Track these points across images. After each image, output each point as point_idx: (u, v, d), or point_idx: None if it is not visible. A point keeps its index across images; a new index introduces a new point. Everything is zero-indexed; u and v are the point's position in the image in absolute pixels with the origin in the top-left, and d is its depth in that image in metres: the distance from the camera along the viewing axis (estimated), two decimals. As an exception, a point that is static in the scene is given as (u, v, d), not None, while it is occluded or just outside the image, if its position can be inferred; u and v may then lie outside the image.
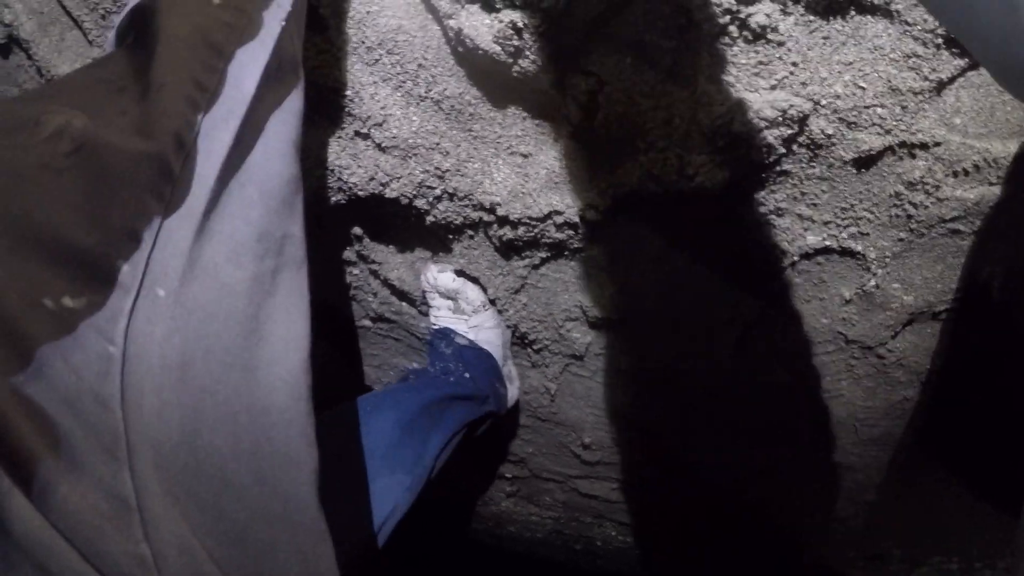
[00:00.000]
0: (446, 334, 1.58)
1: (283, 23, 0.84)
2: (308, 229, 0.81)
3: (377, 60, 1.19)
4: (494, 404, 1.59)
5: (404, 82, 1.21)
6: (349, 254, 1.58)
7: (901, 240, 1.31)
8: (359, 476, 1.25)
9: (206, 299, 0.67)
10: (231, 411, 0.67)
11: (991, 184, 1.21)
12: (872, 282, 1.38)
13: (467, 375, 1.54)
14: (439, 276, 1.52)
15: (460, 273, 1.54)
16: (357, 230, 1.51)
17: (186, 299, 0.66)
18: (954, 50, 1.05)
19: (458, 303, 1.56)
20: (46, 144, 0.64)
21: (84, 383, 0.59)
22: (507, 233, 1.35)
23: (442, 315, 1.59)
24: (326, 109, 1.27)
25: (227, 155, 0.72)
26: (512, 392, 1.70)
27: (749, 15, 0.99)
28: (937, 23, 1.01)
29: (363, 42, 1.17)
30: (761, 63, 1.05)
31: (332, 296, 1.69)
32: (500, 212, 1.31)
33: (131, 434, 0.60)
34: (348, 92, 1.22)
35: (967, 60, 1.06)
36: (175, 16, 0.78)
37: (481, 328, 1.58)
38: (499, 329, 1.62)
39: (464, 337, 1.57)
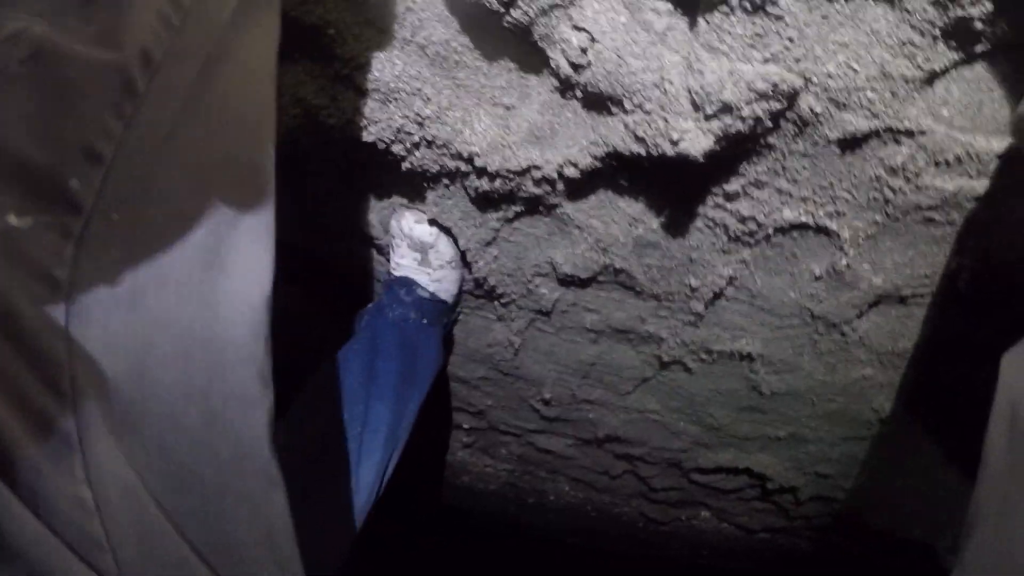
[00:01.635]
0: (407, 283, 1.54)
1: None
2: (279, 163, 0.76)
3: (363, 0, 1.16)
4: (445, 352, 1.61)
5: (390, 24, 1.18)
6: (319, 197, 1.55)
7: (876, 223, 1.31)
8: (342, 463, 1.27)
9: (160, 226, 0.64)
10: (184, 345, 0.64)
11: (971, 177, 1.21)
12: (843, 261, 1.39)
13: (424, 321, 1.54)
14: (415, 227, 1.49)
15: (432, 222, 1.50)
16: (329, 172, 1.48)
17: (140, 224, 0.63)
18: (950, 43, 1.04)
19: (427, 256, 1.53)
20: (1, 49, 0.60)
21: (26, 309, 0.56)
22: (483, 185, 1.33)
23: (405, 264, 1.55)
24: (307, 47, 1.23)
25: (194, 78, 0.68)
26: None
27: (750, -16, 0.97)
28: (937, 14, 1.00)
29: (351, -21, 1.14)
30: (757, 35, 1.03)
31: (302, 238, 1.67)
32: (478, 163, 1.28)
33: (75, 367, 0.57)
34: (331, 31, 1.19)
35: (961, 54, 1.06)
36: None
37: (443, 281, 1.57)
38: (460, 282, 1.61)
39: (425, 289, 1.54)
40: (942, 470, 1.95)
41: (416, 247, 1.51)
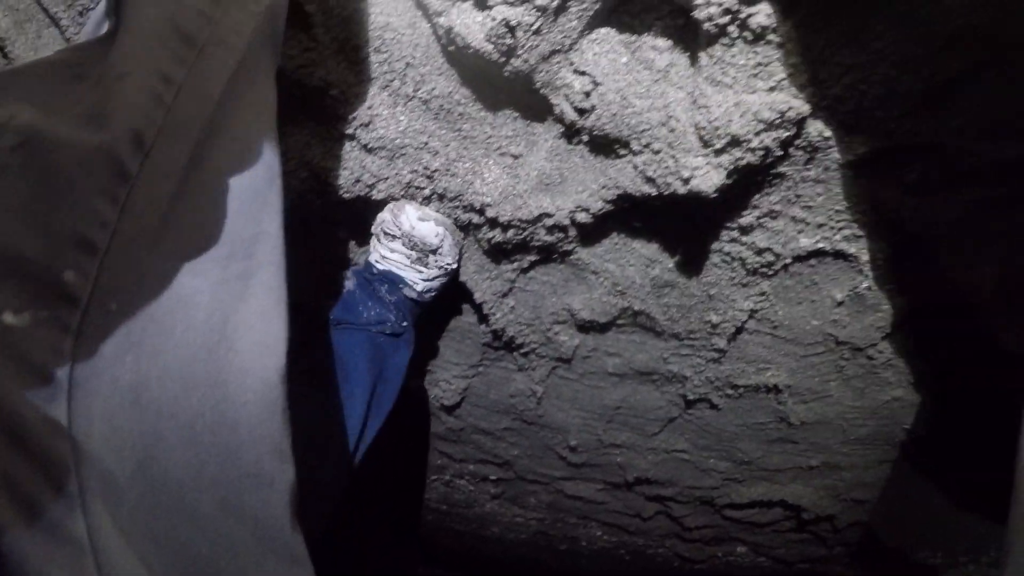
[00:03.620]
0: (391, 280, 1.37)
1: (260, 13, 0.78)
2: (288, 227, 0.74)
3: (364, 59, 1.16)
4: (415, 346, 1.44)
5: (391, 81, 1.18)
6: (333, 260, 1.54)
7: (895, 243, 1.29)
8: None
9: (162, 312, 0.61)
10: (193, 434, 0.61)
11: (988, 187, 1.19)
12: (864, 284, 1.37)
13: (404, 323, 1.37)
14: (418, 225, 1.32)
15: (439, 222, 1.35)
16: (341, 234, 1.47)
17: (140, 313, 0.60)
18: (956, 52, 1.03)
19: (427, 258, 1.37)
20: None
21: (27, 411, 0.53)
22: (496, 236, 1.33)
23: (395, 260, 1.37)
24: (311, 109, 1.23)
25: (188, 159, 0.66)
26: None
27: (750, 15, 0.96)
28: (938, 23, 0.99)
29: (350, 40, 1.14)
30: (760, 64, 1.02)
31: (314, 301, 1.65)
32: (490, 213, 1.28)
33: (81, 467, 0.54)
34: (334, 92, 1.19)
35: (969, 64, 1.05)
36: (146, 2, 0.72)
37: (435, 282, 1.41)
38: (450, 287, 1.48)
39: (413, 289, 1.38)
40: (972, 489, 1.91)
41: (414, 246, 1.35)
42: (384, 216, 1.34)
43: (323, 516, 1.21)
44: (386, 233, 1.36)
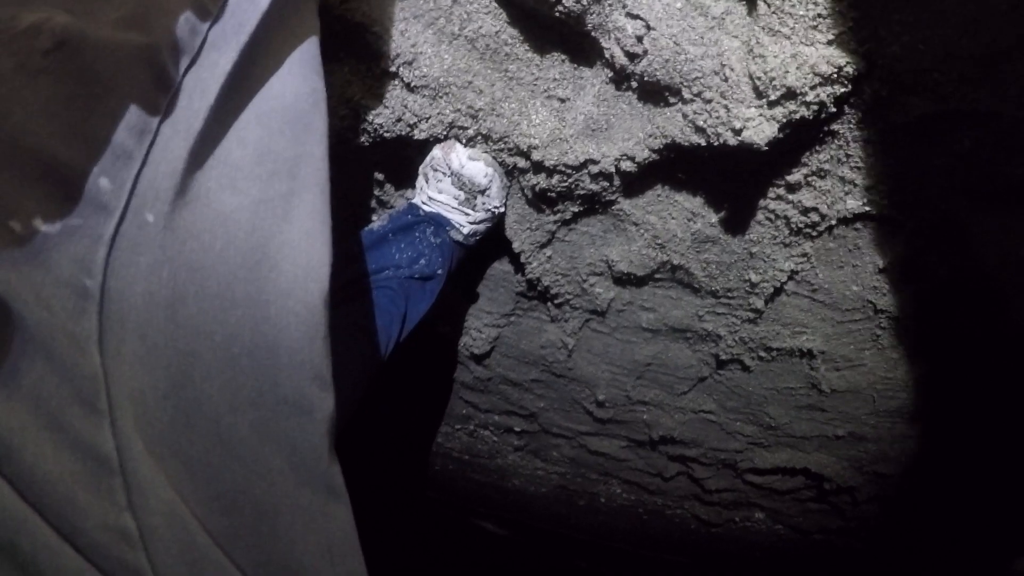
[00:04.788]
0: (439, 223, 1.35)
1: None
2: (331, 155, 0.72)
3: (410, -6, 1.14)
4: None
5: (437, 19, 1.16)
6: (370, 202, 1.53)
7: (943, 210, 1.26)
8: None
9: (200, 228, 0.59)
10: (230, 355, 0.59)
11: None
12: (908, 252, 1.34)
13: (439, 271, 1.34)
14: (468, 164, 1.30)
15: (489, 163, 1.32)
16: (379, 175, 1.46)
17: (178, 227, 0.57)
18: (1018, 19, 1.00)
19: (473, 199, 1.34)
20: (21, 41, 0.55)
21: (57, 321, 0.50)
22: (541, 182, 1.30)
23: (442, 201, 1.34)
24: (352, 46, 1.21)
25: (231, 71, 0.63)
26: None
27: (814, -38, 0.94)
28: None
29: (397, -26, 1.12)
30: (820, 16, 0.99)
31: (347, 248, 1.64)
32: (536, 157, 1.26)
33: (111, 383, 0.52)
34: (376, 28, 1.17)
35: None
36: None
37: (480, 226, 1.39)
38: (492, 230, 1.46)
39: (460, 232, 1.36)
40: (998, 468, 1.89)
41: (463, 186, 1.32)
42: (435, 153, 1.32)
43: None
44: (436, 170, 1.33)
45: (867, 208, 1.27)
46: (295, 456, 0.62)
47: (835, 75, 1.02)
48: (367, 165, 1.43)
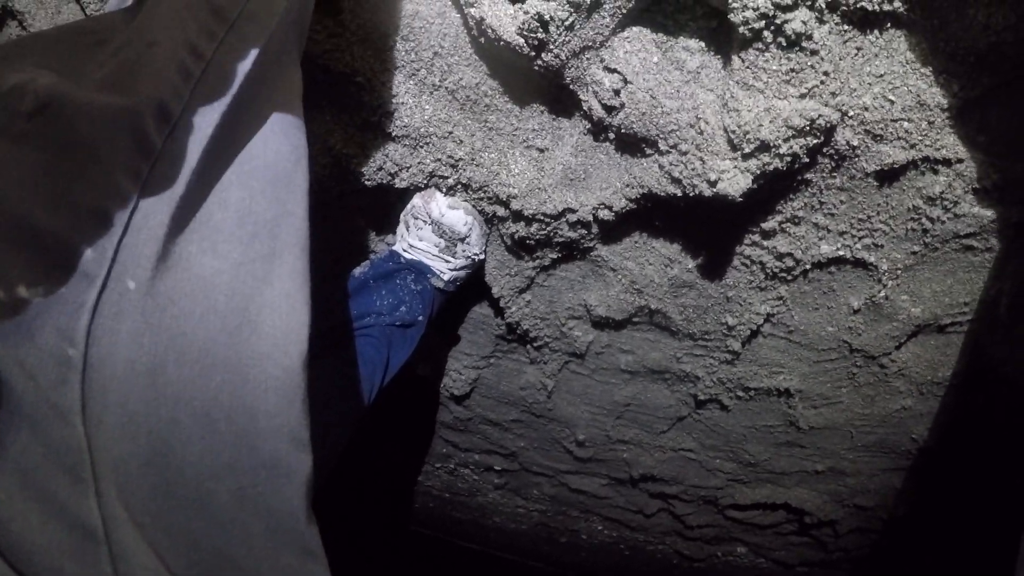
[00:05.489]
0: (420, 270, 1.36)
1: None
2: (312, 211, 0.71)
3: (391, 46, 1.15)
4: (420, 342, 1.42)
5: (418, 70, 1.17)
6: (351, 248, 1.53)
7: (914, 253, 1.29)
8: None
9: (181, 293, 0.59)
10: (209, 420, 0.58)
11: (1010, 203, 1.19)
12: (882, 293, 1.37)
13: (420, 317, 1.35)
14: (448, 212, 1.31)
15: (469, 211, 1.33)
16: (361, 221, 1.47)
17: (159, 293, 0.57)
18: (985, 68, 1.02)
19: (455, 247, 1.35)
20: (5, 102, 0.55)
21: (40, 391, 0.50)
22: (520, 230, 1.32)
23: (423, 248, 1.35)
24: (335, 95, 1.22)
25: (213, 133, 0.62)
26: None
27: (786, 21, 0.96)
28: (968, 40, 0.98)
29: (377, 27, 1.13)
30: (793, 71, 1.01)
31: (330, 294, 1.65)
32: (515, 206, 1.27)
33: (95, 452, 0.52)
34: (359, 78, 1.18)
35: (998, 78, 1.04)
36: None
37: (460, 273, 1.40)
38: (471, 277, 1.47)
39: (440, 279, 1.37)
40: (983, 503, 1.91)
41: (443, 234, 1.34)
42: (415, 202, 1.33)
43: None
44: (416, 218, 1.34)
45: (841, 252, 1.29)
46: (273, 520, 0.62)
47: (808, 127, 1.04)
48: (349, 212, 1.44)
